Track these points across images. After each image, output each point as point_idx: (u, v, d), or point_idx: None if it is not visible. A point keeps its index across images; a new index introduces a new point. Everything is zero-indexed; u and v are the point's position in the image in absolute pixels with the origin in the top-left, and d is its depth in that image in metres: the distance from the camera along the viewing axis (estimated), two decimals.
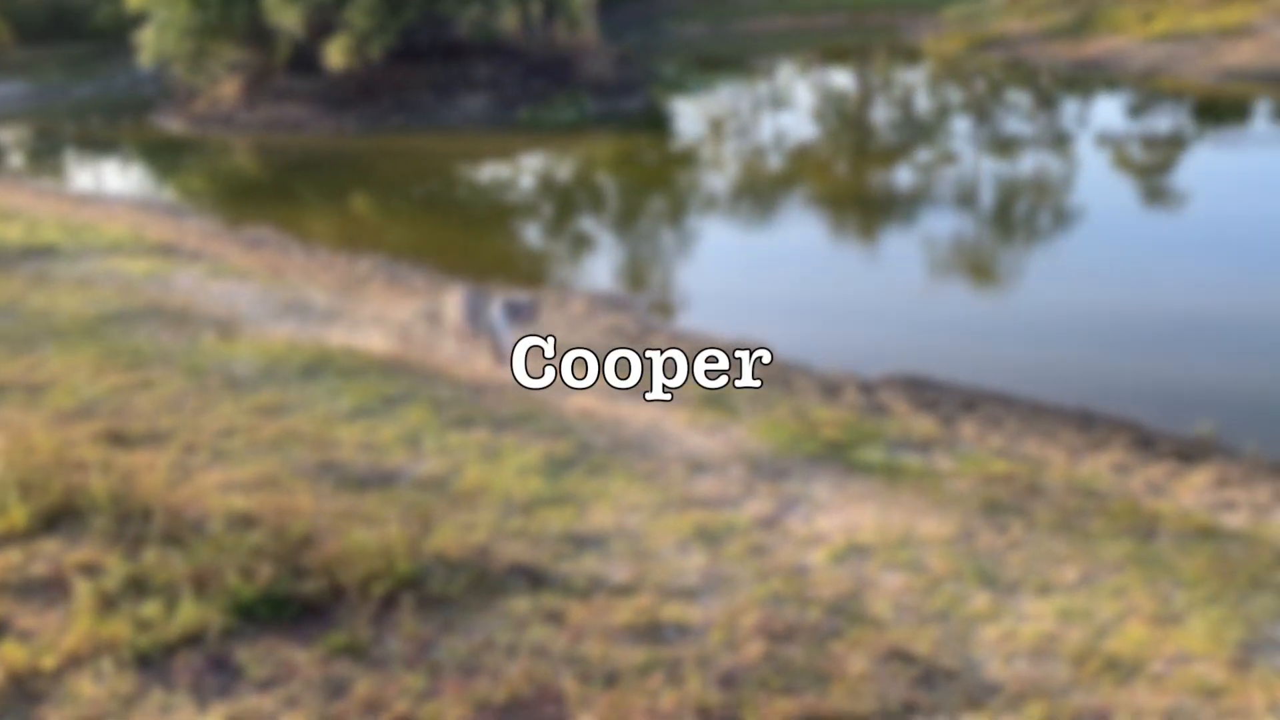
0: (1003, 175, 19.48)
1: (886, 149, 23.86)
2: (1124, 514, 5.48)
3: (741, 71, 36.76)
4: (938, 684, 3.58)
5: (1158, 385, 9.37)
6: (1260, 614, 4.23)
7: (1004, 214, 16.52)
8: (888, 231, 15.89)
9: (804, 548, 4.85)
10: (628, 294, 12.38)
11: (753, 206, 18.14)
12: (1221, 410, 8.48)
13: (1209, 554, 4.88)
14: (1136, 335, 10.70)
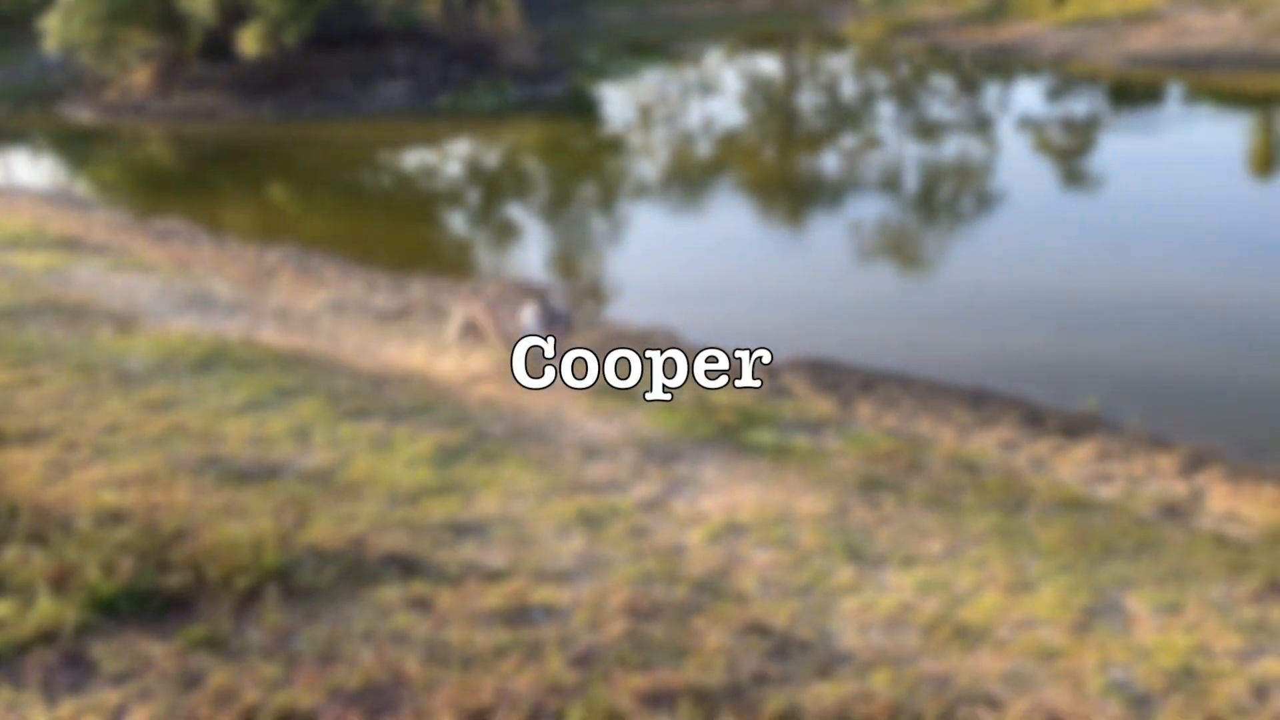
0: (917, 159, 19.85)
1: (809, 134, 24.15)
2: (996, 488, 5.70)
3: (666, 57, 36.80)
4: (791, 655, 3.71)
5: (1051, 364, 9.64)
6: (1108, 580, 4.44)
7: (918, 198, 16.84)
8: (809, 217, 16.11)
9: (683, 528, 4.96)
10: (545, 283, 12.38)
11: (677, 193, 18.23)
12: (1109, 387, 8.79)
13: (1070, 525, 5.11)
14: (1036, 316, 11.00)
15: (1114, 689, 3.54)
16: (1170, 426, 8.05)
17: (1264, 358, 9.54)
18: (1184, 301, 10.98)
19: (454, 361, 8.13)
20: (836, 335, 10.48)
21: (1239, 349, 9.72)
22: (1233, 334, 10.06)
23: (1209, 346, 9.80)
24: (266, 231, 14.84)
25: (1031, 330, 10.60)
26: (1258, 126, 19.47)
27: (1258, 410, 8.53)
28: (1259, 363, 9.45)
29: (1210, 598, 4.27)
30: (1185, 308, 10.80)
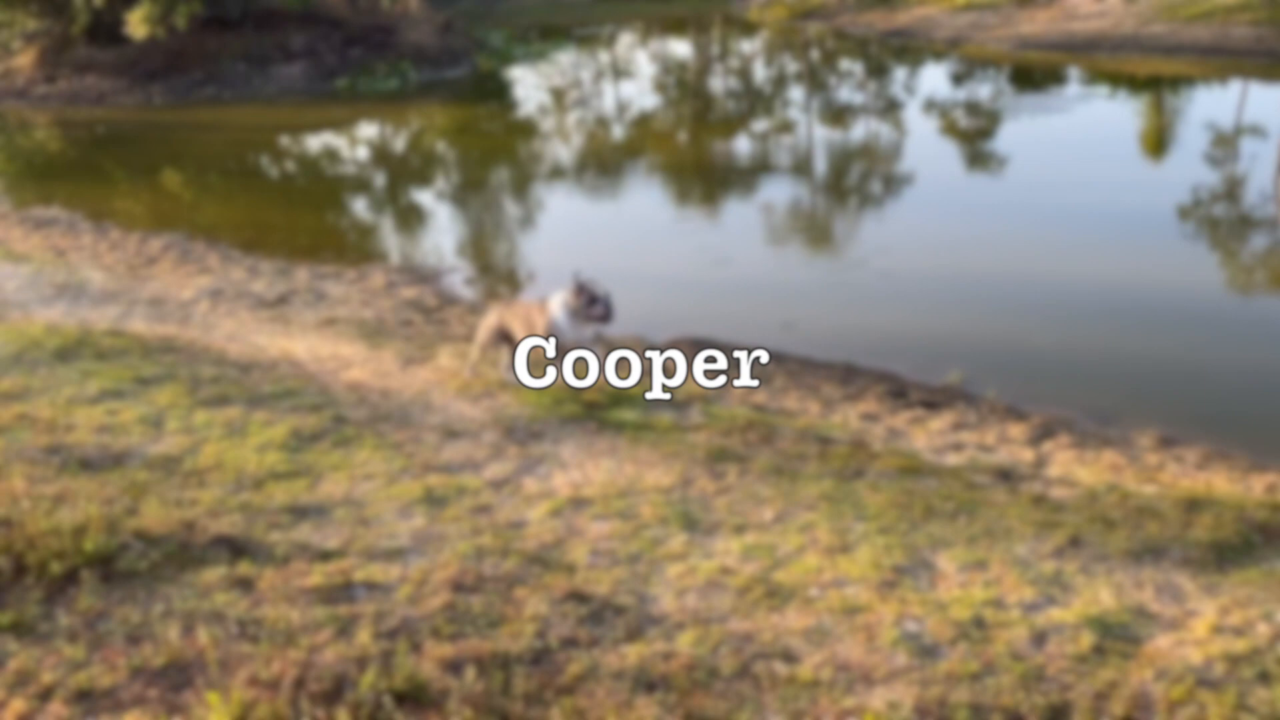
0: (817, 143, 20.21)
1: (717, 118, 24.38)
2: (840, 458, 5.92)
3: (575, 41, 36.72)
4: (605, 620, 3.85)
5: (922, 340, 9.94)
6: (924, 541, 4.68)
7: (815, 181, 17.17)
8: (711, 199, 16.30)
9: (528, 504, 5.07)
10: (434, 267, 12.35)
11: (582, 176, 18.29)
12: (975, 361, 9.13)
13: (901, 490, 5.35)
14: (912, 294, 11.34)
15: (905, 640, 3.75)
16: (1027, 397, 8.40)
17: (1122, 331, 9.97)
18: (1054, 279, 11.41)
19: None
20: (721, 315, 10.67)
21: (1099, 323, 10.15)
22: (1096, 309, 10.50)
23: (1072, 321, 10.20)
24: (153, 219, 14.53)
25: (907, 308, 10.91)
26: (1148, 109, 20.24)
27: (1111, 381, 8.92)
28: (1116, 336, 9.88)
29: (1015, 555, 4.53)
30: (1055, 285, 11.22)
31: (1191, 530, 4.80)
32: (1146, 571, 4.41)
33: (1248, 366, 8.88)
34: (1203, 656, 3.68)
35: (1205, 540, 4.69)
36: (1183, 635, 3.84)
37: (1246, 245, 12.43)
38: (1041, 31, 24.58)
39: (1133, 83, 21.90)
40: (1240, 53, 20.73)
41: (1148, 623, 3.94)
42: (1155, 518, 4.99)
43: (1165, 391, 8.55)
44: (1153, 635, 3.85)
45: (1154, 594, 4.19)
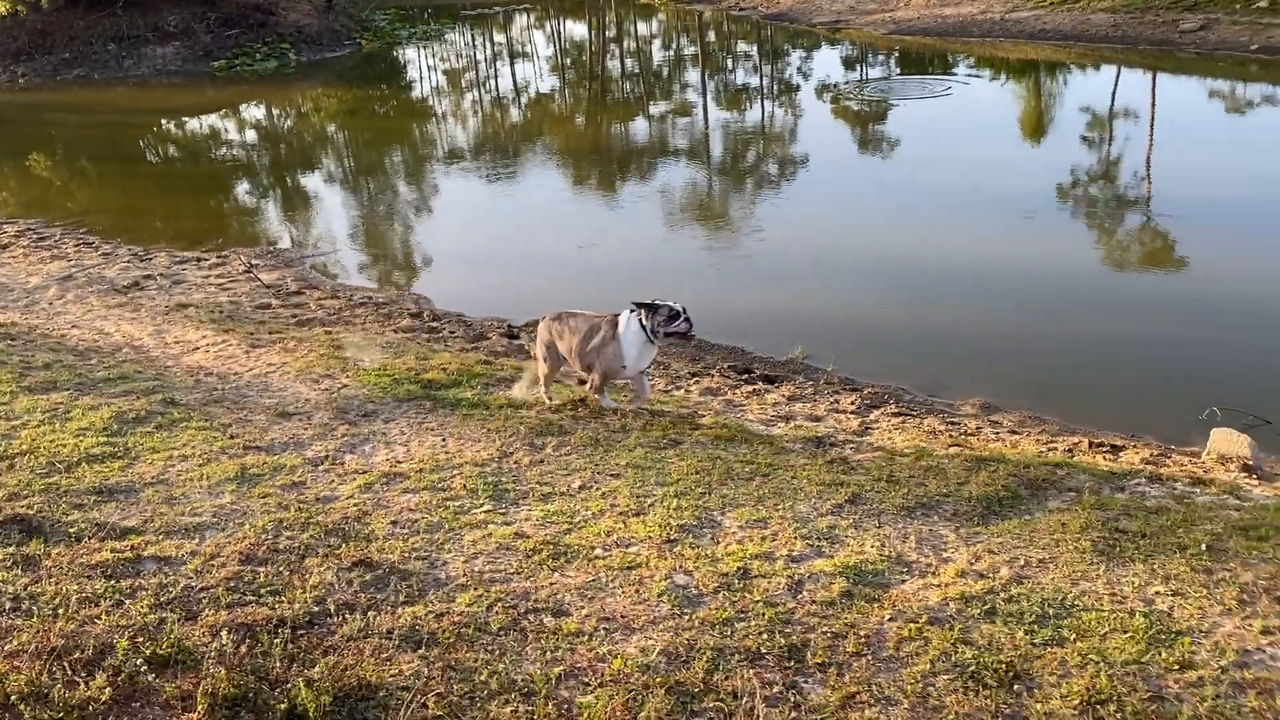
0: (703, 126, 20.51)
1: (597, 98, 24.49)
2: (661, 430, 6.17)
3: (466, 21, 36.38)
4: (389, 585, 4.02)
5: (773, 317, 10.27)
6: (716, 502, 4.95)
7: (699, 162, 17.45)
8: (594, 181, 16.45)
9: (343, 480, 5.19)
10: (300, 251, 12.28)
11: (465, 159, 18.25)
12: (820, 336, 9.50)
13: (707, 457, 5.61)
14: (772, 272, 11.70)
15: (671, 592, 4.01)
16: (865, 370, 8.79)
17: (964, 307, 10.45)
18: (910, 257, 11.86)
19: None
20: (591, 296, 10.87)
21: (943, 300, 10.61)
22: (943, 286, 10.97)
23: (918, 298, 10.65)
24: (12, 205, 14.08)
25: (764, 287, 11.23)
26: (1027, 93, 20.99)
27: (947, 353, 9.34)
28: (957, 311, 10.36)
29: (797, 512, 4.83)
30: (909, 263, 11.67)
31: (967, 487, 5.17)
32: (915, 524, 4.75)
33: (1075, 338, 9.42)
34: (940, 598, 4.01)
35: (977, 495, 5.06)
36: (930, 580, 4.18)
37: (1100, 225, 13.10)
38: (915, 17, 25.32)
39: (1005, 67, 22.73)
40: (1098, 39, 21.70)
41: (901, 570, 4.27)
42: (939, 476, 5.35)
43: (996, 362, 9.03)
44: (903, 581, 4.17)
45: (915, 544, 4.53)
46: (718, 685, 3.42)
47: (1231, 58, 19.34)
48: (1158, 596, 4.07)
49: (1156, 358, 8.94)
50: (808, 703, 3.36)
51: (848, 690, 3.42)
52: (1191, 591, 4.11)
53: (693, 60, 29.44)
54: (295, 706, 3.12)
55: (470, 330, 9.49)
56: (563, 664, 3.53)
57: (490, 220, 14.14)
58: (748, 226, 13.52)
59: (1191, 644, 3.72)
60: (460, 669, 3.46)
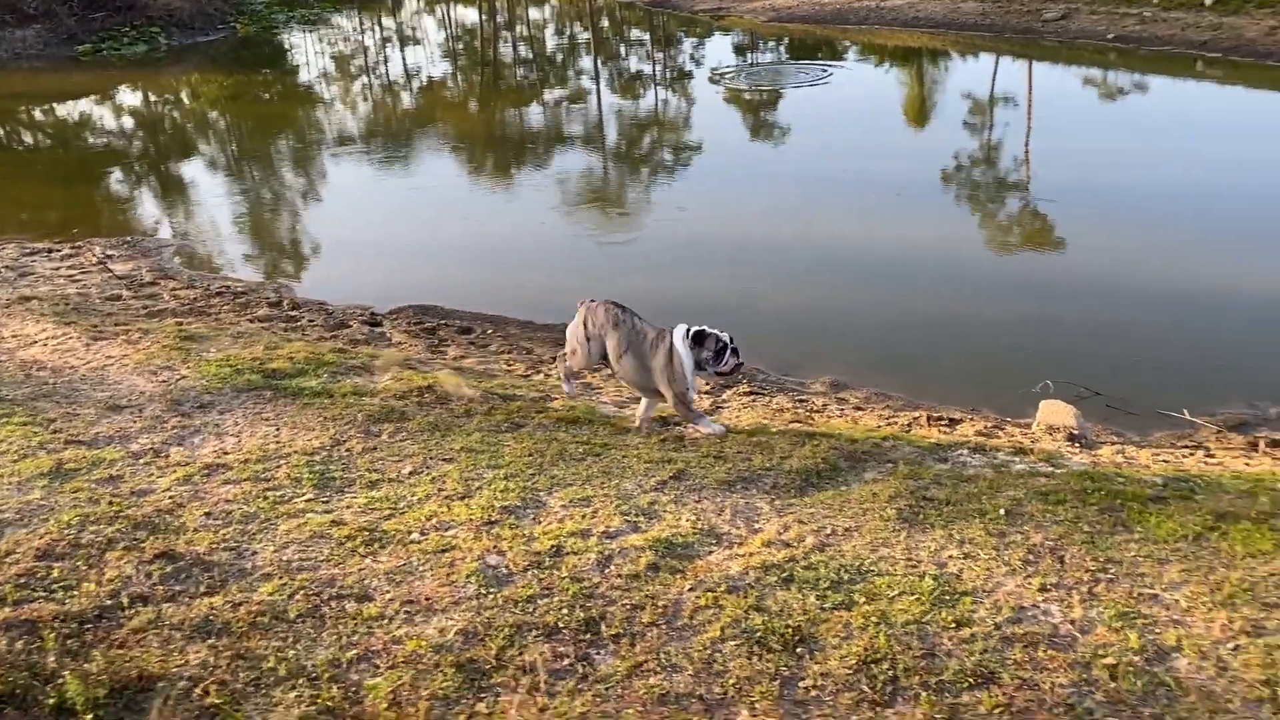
0: (590, 112, 20.50)
1: (491, 83, 24.29)
2: (504, 413, 6.18)
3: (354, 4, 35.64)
4: (189, 577, 3.96)
5: (647, 300, 10.34)
6: (544, 483, 5.00)
7: (591, 148, 17.45)
8: (483, 168, 16.31)
9: (163, 473, 5.08)
10: (157, 241, 11.90)
11: (348, 146, 17.91)
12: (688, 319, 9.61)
13: (545, 438, 5.66)
14: (646, 256, 11.80)
15: (480, 572, 4.04)
16: None
17: (826, 288, 10.71)
18: (780, 241, 12.12)
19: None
20: (462, 284, 10.81)
21: (807, 281, 10.87)
22: (809, 268, 11.22)
23: (783, 279, 10.88)
24: None
25: (640, 270, 11.35)
26: (910, 80, 21.51)
27: (805, 333, 9.57)
28: (819, 292, 10.62)
29: (622, 490, 4.91)
30: (778, 246, 11.92)
31: (789, 460, 5.32)
32: (734, 498, 4.88)
33: (926, 316, 9.75)
34: (743, 567, 4.13)
35: (797, 468, 5.22)
36: (736, 551, 4.30)
37: (965, 207, 13.54)
38: (794, 4, 25.77)
39: (885, 54, 23.28)
40: (968, 26, 22.43)
41: (712, 542, 4.38)
42: (765, 451, 5.50)
43: (849, 341, 9.29)
44: (710, 552, 4.29)
45: (730, 517, 4.66)
46: (510, 661, 3.47)
47: (1090, 46, 20.19)
48: (950, 560, 4.27)
49: (1002, 334, 9.31)
50: (596, 673, 3.44)
51: (637, 659, 3.51)
52: (982, 554, 4.32)
53: (586, 47, 29.40)
54: (65, 700, 3.06)
55: (331, 318, 9.36)
56: (357, 648, 3.54)
57: (369, 208, 13.92)
58: (633, 212, 13.61)
59: (972, 603, 3.91)
60: (249, 657, 3.44)
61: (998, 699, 3.32)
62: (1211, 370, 8.31)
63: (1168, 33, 19.56)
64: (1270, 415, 7.54)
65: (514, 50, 31.02)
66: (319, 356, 7.46)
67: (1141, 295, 9.88)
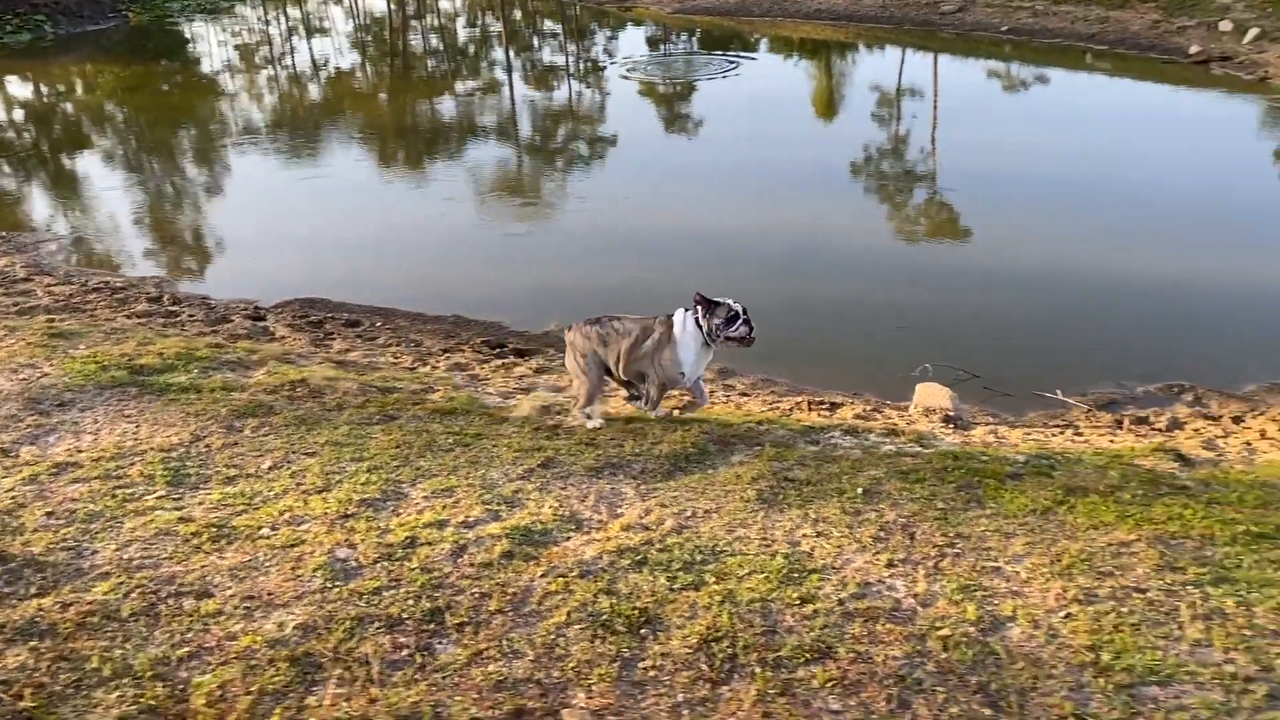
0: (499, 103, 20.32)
1: (401, 74, 23.93)
2: (379, 406, 6.09)
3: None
4: (20, 578, 3.82)
5: (542, 291, 10.34)
6: (409, 475, 4.93)
7: (499, 139, 17.28)
8: (391, 159, 16.03)
9: (9, 473, 4.89)
10: (36, 236, 11.45)
11: (247, 138, 17.45)
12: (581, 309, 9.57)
13: (416, 430, 5.58)
14: (548, 248, 11.74)
15: (328, 566, 3.97)
16: None
17: (723, 275, 10.78)
18: (680, 229, 12.16)
19: None
20: (359, 276, 10.63)
21: (705, 270, 10.93)
22: (708, 257, 11.28)
23: (681, 268, 10.92)
24: None
25: (537, 262, 11.26)
26: (819, 72, 21.74)
27: None
28: (716, 280, 10.67)
29: (488, 479, 4.87)
30: (678, 235, 11.96)
31: (660, 445, 5.34)
32: (599, 484, 4.88)
33: (814, 302, 9.88)
34: (598, 552, 4.13)
35: (666, 453, 5.24)
36: (594, 536, 4.30)
37: (869, 196, 13.75)
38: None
39: (793, 47, 23.54)
40: (869, 19, 22.84)
41: (571, 528, 4.37)
42: (637, 437, 5.50)
43: None
44: (568, 538, 4.28)
45: (594, 502, 4.65)
46: (347, 654, 3.42)
47: (986, 38, 20.73)
48: (804, 538, 4.33)
49: (890, 321, 9.49)
50: (435, 662, 3.40)
51: (478, 647, 3.48)
52: (836, 532, 4.39)
53: (498, 38, 29.14)
54: None
55: (213, 313, 9.12)
56: (190, 645, 3.45)
57: (266, 200, 13.61)
58: (536, 203, 13.52)
59: (820, 580, 3.98)
60: (73, 658, 3.32)
61: (831, 673, 3.38)
62: (1087, 352, 8.59)
63: (1058, 25, 20.17)
64: (1137, 394, 7.82)
65: (424, 41, 30.60)
66: (192, 352, 7.26)
67: (1027, 281, 10.18)
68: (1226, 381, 7.84)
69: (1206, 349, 8.45)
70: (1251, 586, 3.97)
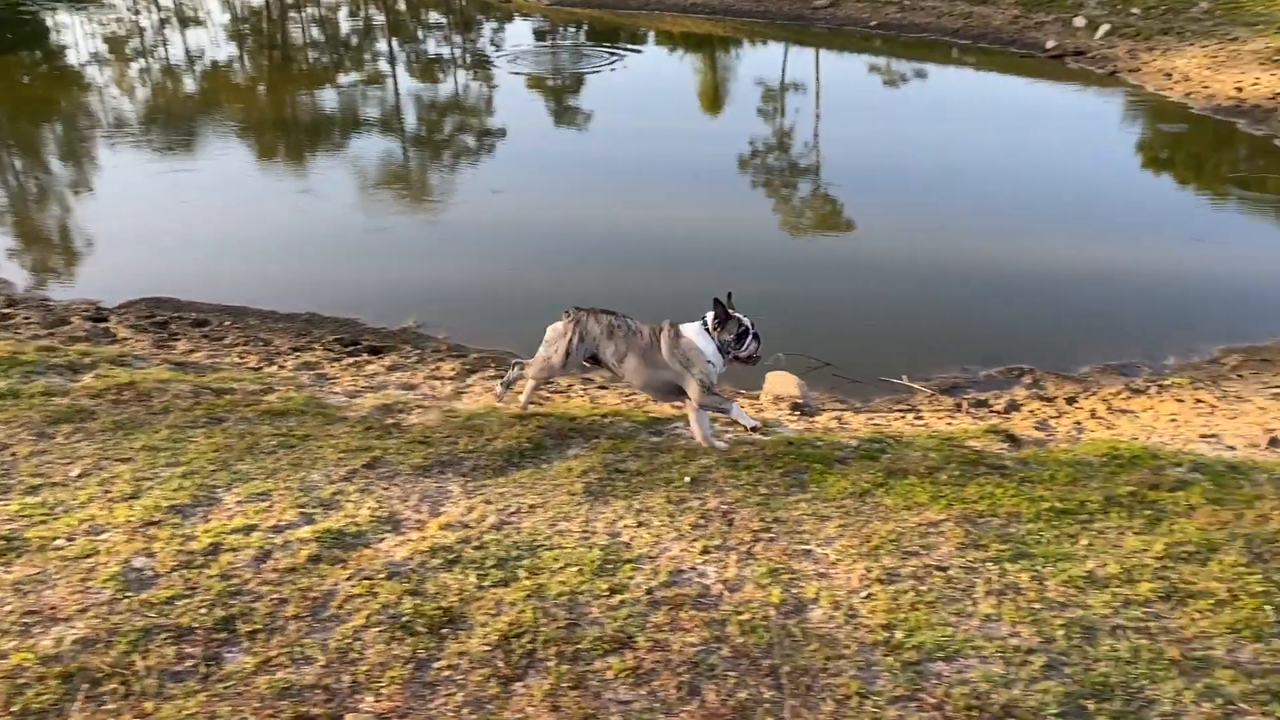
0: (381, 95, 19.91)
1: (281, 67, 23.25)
2: (206, 408, 5.87)
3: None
4: None
5: (404, 287, 10.15)
6: (225, 479, 4.76)
7: (376, 134, 16.90)
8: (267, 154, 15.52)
9: None
10: None
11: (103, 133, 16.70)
12: (445, 305, 9.47)
13: (240, 433, 5.40)
14: (413, 244, 11.55)
15: (121, 576, 3.80)
16: (479, 337, 8.84)
17: (599, 270, 10.75)
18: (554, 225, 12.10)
19: None
20: (213, 274, 10.26)
21: (577, 264, 10.89)
22: (583, 251, 11.24)
23: (550, 263, 10.87)
24: None
25: (401, 258, 11.05)
26: (704, 66, 21.85)
27: None
28: (591, 274, 10.66)
29: (308, 481, 4.74)
30: (550, 231, 11.89)
31: (495, 441, 5.28)
32: (426, 483, 4.80)
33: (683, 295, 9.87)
34: (410, 552, 4.06)
35: (501, 449, 5.19)
36: (410, 536, 4.22)
37: (757, 191, 13.89)
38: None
39: (676, 40, 23.67)
40: (743, 13, 23.17)
41: (387, 529, 4.29)
42: (474, 433, 5.44)
43: None
44: (382, 540, 4.19)
45: (416, 502, 4.57)
46: (127, 666, 3.28)
47: (857, 33, 21.22)
48: (625, 529, 4.34)
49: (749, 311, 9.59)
50: (220, 672, 3.29)
51: (268, 655, 3.38)
52: (657, 521, 4.41)
53: (381, 30, 28.56)
54: None
55: (50, 315, 8.70)
56: None
57: (125, 197, 13.06)
58: (402, 198, 13.28)
59: (633, 570, 3.98)
60: None
61: (628, 662, 3.38)
62: (937, 339, 8.86)
63: (925, 20, 20.77)
64: (980, 378, 8.09)
65: (304, 33, 29.84)
66: (16, 356, 6.90)
67: (888, 271, 10.44)
68: (1064, 364, 8.17)
69: (1047, 333, 8.80)
70: (1048, 561, 4.13)
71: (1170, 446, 5.92)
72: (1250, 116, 14.58)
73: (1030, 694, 3.28)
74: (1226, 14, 18.28)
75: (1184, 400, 7.30)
